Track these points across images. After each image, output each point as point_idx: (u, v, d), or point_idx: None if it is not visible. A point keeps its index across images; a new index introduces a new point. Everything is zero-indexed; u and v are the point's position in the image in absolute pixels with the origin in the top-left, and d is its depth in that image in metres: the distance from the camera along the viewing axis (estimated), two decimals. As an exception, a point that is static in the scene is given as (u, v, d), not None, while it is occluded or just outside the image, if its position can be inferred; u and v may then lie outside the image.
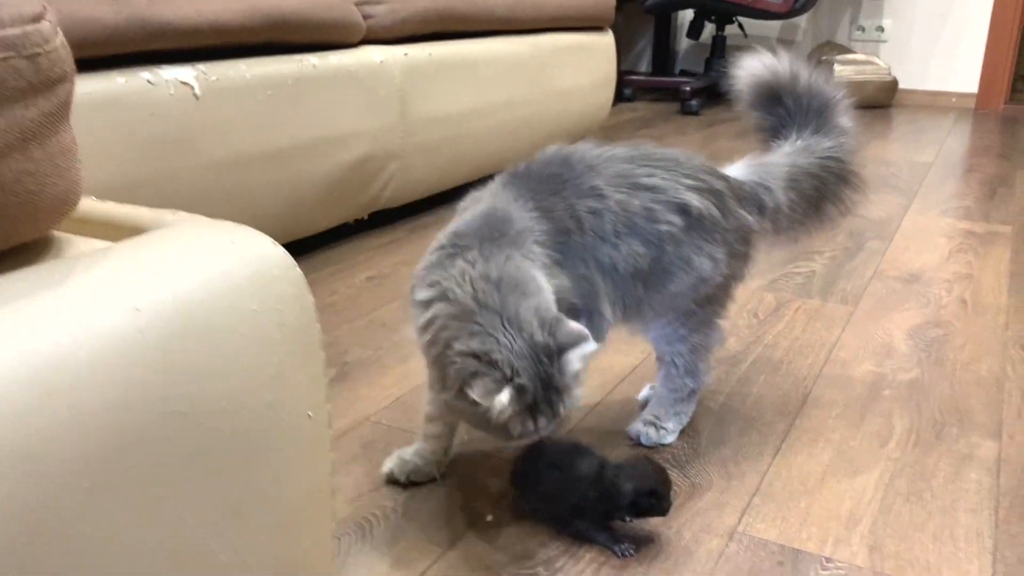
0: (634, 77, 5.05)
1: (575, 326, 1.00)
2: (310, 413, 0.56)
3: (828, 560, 1.07)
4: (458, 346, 0.99)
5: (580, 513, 1.07)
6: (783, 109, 1.38)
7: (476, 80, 2.62)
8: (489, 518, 1.15)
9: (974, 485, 1.23)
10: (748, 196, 1.27)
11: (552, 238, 1.12)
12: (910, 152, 3.62)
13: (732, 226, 1.23)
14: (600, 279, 1.15)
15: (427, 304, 1.05)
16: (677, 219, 1.16)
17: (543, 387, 0.98)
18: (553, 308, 1.03)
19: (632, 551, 1.07)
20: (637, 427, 1.34)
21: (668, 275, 1.18)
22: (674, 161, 1.21)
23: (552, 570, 1.05)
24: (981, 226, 2.54)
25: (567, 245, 1.13)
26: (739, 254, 1.27)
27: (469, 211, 1.15)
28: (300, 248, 2.29)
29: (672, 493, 1.07)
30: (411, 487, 1.22)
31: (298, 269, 0.56)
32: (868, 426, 1.39)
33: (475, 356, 0.97)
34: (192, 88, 1.74)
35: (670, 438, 1.33)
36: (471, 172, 2.73)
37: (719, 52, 4.88)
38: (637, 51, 5.65)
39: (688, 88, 4.55)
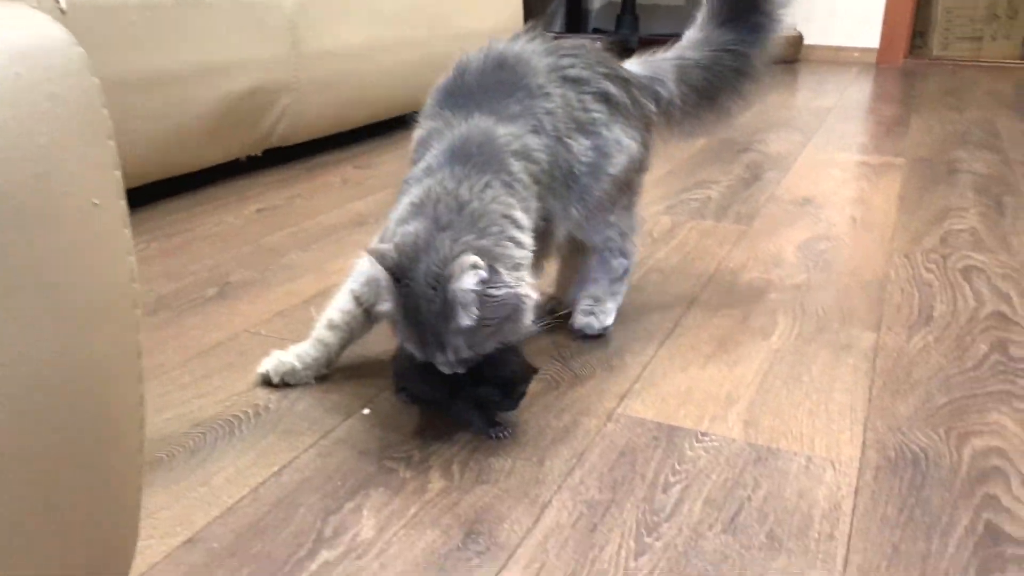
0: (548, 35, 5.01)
1: (477, 274, 0.95)
2: (96, 201, 0.51)
3: (703, 435, 1.07)
4: (393, 234, 1.03)
5: (456, 396, 1.04)
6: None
7: (373, 16, 2.55)
8: (366, 411, 1.12)
9: (851, 369, 1.25)
10: (646, 87, 1.34)
11: (526, 142, 1.12)
12: (812, 100, 3.68)
13: (639, 113, 1.30)
14: (560, 191, 1.17)
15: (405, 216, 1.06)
16: (603, 107, 1.23)
17: (416, 313, 0.97)
18: (494, 253, 1.00)
19: (506, 434, 1.04)
20: (579, 321, 1.33)
21: (608, 159, 1.22)
22: (583, 48, 1.27)
23: (426, 453, 1.02)
24: (875, 158, 2.60)
25: (540, 149, 1.12)
26: (647, 142, 1.33)
27: (432, 147, 1.12)
28: (188, 182, 2.20)
29: (520, 390, 1.04)
30: (285, 388, 1.17)
31: (80, 49, 0.51)
32: (752, 323, 1.40)
33: (395, 248, 0.99)
34: (58, 1, 1.64)
35: (611, 318, 1.34)
36: (370, 113, 2.67)
37: (629, 11, 4.89)
38: (552, 10, 5.63)
39: (599, 45, 4.54)
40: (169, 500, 0.93)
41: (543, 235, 1.16)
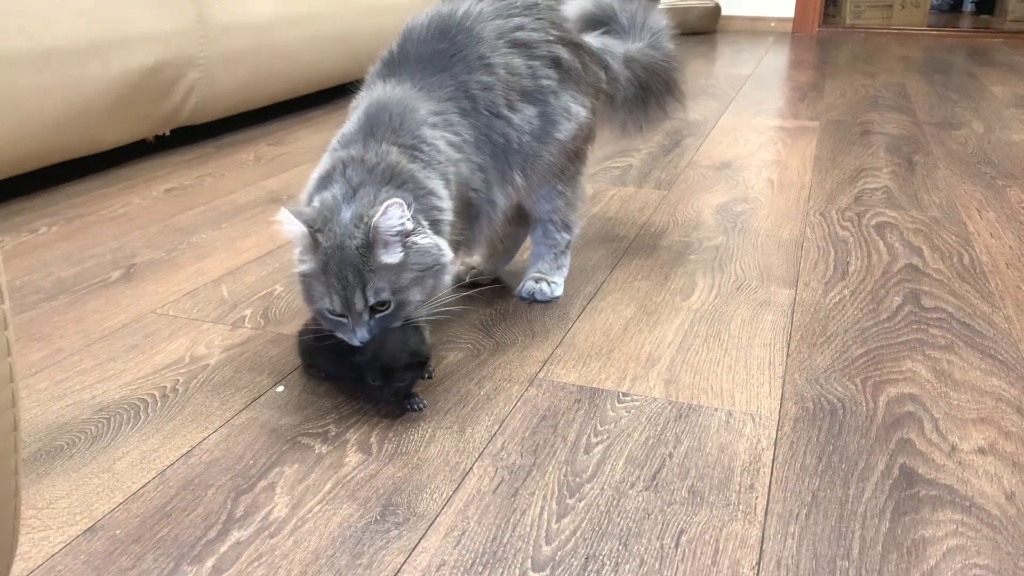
0: None
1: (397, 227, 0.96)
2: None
3: (625, 395, 1.06)
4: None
5: (365, 370, 1.01)
6: (613, 29, 1.52)
7: (282, -13, 2.47)
8: (280, 388, 1.08)
9: (769, 325, 1.26)
10: (596, 55, 1.33)
11: (449, 119, 1.10)
12: (729, 68, 3.72)
13: (589, 80, 1.29)
14: (494, 164, 1.14)
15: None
16: (553, 73, 1.21)
17: (338, 258, 0.95)
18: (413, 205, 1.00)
19: (421, 404, 1.02)
20: (529, 286, 1.33)
21: (555, 125, 1.21)
22: (536, 6, 1.24)
23: (343, 427, 0.99)
24: (791, 122, 2.64)
25: (465, 127, 1.11)
26: (595, 110, 1.32)
27: (352, 114, 1.12)
28: (92, 164, 2.10)
29: (404, 378, 0.98)
30: (191, 369, 1.12)
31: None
32: (672, 284, 1.40)
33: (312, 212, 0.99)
34: (-68, -28, 1.54)
35: (559, 290, 1.34)
36: (283, 89, 2.59)
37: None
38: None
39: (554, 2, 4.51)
40: (69, 488, 0.88)
41: (470, 207, 1.12)
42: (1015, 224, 1.68)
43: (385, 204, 0.93)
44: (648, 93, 1.47)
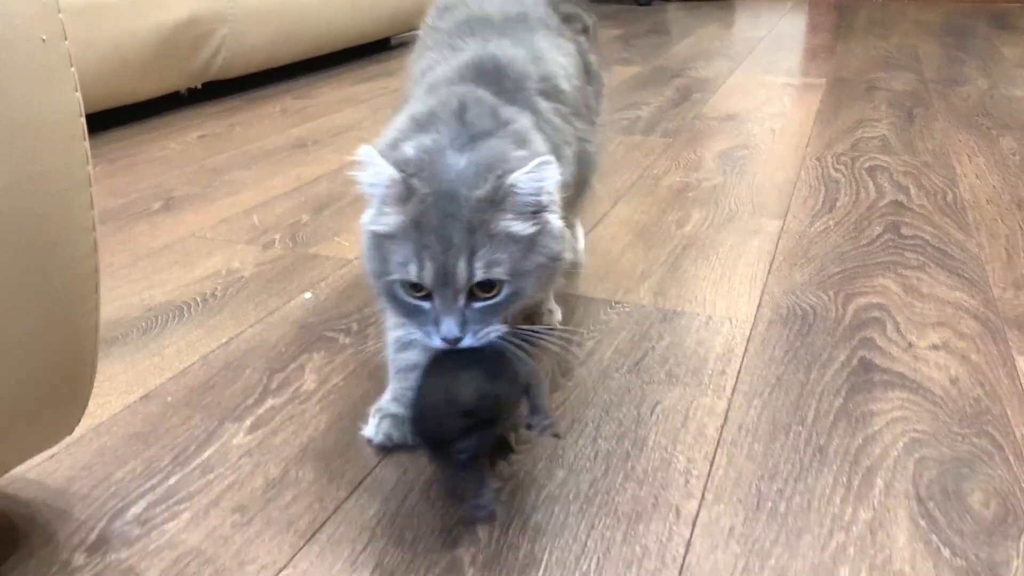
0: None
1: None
2: (44, 37, 0.58)
3: (616, 303, 1.17)
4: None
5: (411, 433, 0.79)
6: None
7: (307, -52, 2.58)
8: (308, 295, 1.20)
9: (755, 249, 1.36)
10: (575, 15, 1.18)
11: (557, 89, 0.92)
12: (745, 31, 3.78)
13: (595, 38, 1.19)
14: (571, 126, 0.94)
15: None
16: (570, 28, 1.08)
17: (440, 216, 0.69)
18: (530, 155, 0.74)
19: (488, 515, 0.74)
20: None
21: (589, 76, 1.08)
22: None
23: (365, 324, 1.11)
24: (799, 80, 2.71)
25: (568, 91, 0.94)
26: None
27: (437, 70, 0.89)
28: (130, 113, 2.23)
29: (460, 440, 0.70)
30: (236, 285, 1.25)
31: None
32: (669, 216, 1.51)
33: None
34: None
35: (582, 243, 1.29)
36: (308, 46, 2.70)
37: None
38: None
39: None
40: (124, 367, 1.01)
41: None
42: (1002, 168, 1.77)
43: (538, 160, 0.69)
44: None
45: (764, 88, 2.59)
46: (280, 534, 0.74)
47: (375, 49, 3.24)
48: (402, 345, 0.87)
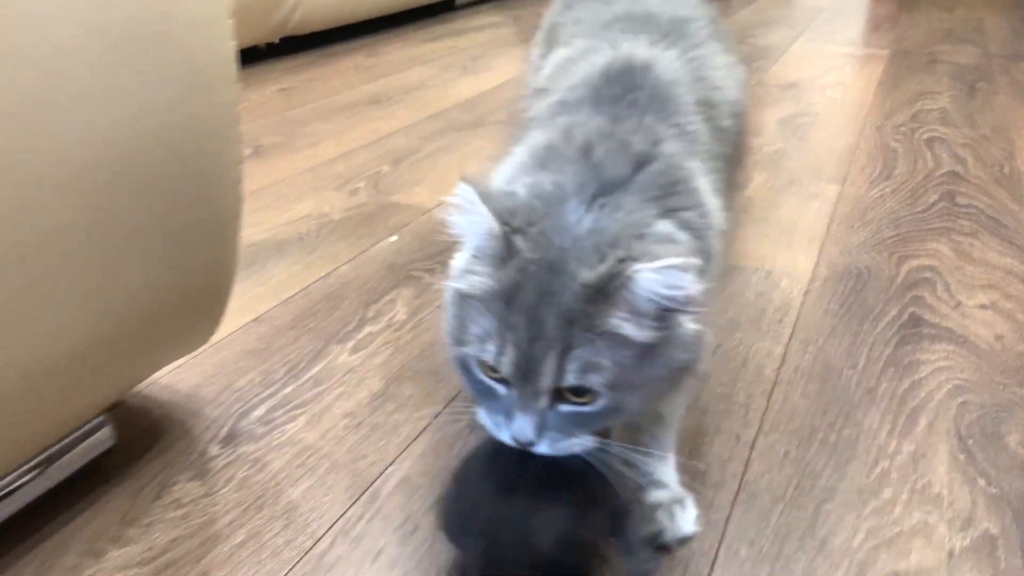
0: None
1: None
2: (210, -9, 0.68)
3: (681, 255, 1.25)
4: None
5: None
6: None
7: (382, -92, 2.65)
8: (393, 239, 1.30)
9: (814, 212, 1.43)
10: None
11: (711, 99, 0.75)
12: (807, 0, 3.77)
13: None
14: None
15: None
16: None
17: (535, 293, 0.56)
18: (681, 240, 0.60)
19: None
20: None
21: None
22: None
23: (446, 266, 1.21)
24: (861, 50, 2.73)
25: (725, 103, 0.77)
26: None
27: (570, 73, 0.75)
28: (213, 68, 2.34)
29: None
30: (320, 222, 1.35)
31: None
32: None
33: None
34: None
35: None
36: (380, 4, 2.78)
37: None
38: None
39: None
40: (235, 295, 1.10)
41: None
42: (1061, 142, 1.80)
43: (668, 261, 0.54)
44: None
45: (825, 58, 2.61)
46: (386, 437, 0.84)
47: (440, 9, 3.31)
48: None
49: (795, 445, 0.84)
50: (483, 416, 0.61)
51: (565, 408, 0.58)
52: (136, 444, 0.83)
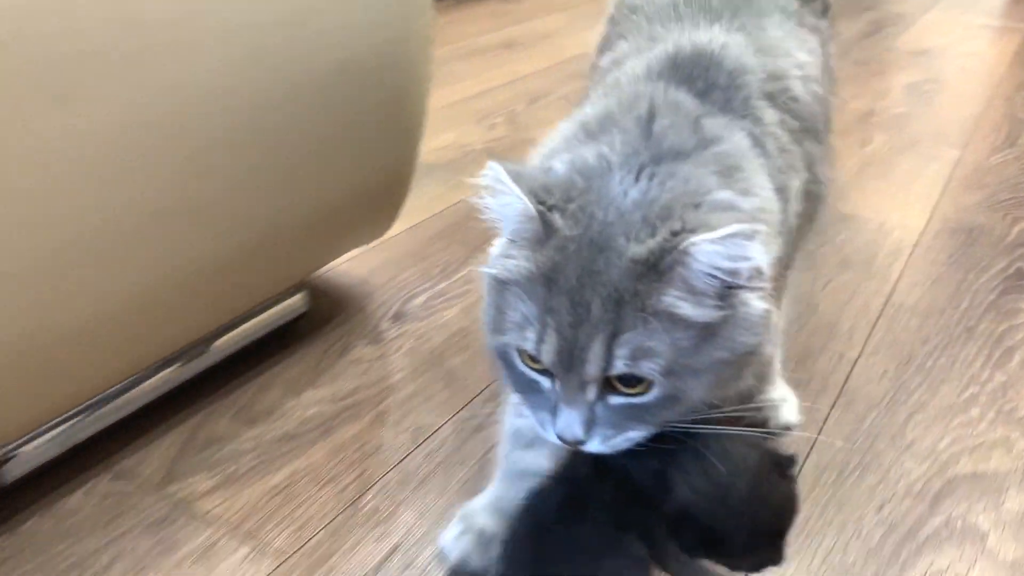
0: None
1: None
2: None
3: (799, 201, 1.33)
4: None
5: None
6: None
7: None
8: (528, 169, 1.42)
9: (932, 173, 1.48)
10: None
11: (788, 90, 0.68)
12: (947, -32, 3.68)
13: None
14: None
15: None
16: (810, 12, 0.83)
17: (580, 271, 0.51)
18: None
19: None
20: None
21: (829, 78, 0.89)
22: None
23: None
24: (998, 22, 2.68)
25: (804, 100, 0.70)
26: None
27: (633, 58, 0.69)
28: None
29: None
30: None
31: None
32: (852, 137, 1.63)
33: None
34: None
35: None
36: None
37: None
38: None
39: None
40: (393, 205, 1.27)
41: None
42: None
43: (730, 229, 0.48)
44: None
45: (961, 27, 2.58)
46: (529, 328, 0.97)
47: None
48: (523, 440, 0.68)
49: (894, 366, 0.93)
50: (530, 411, 0.56)
51: (616, 400, 0.52)
52: (321, 315, 0.99)
